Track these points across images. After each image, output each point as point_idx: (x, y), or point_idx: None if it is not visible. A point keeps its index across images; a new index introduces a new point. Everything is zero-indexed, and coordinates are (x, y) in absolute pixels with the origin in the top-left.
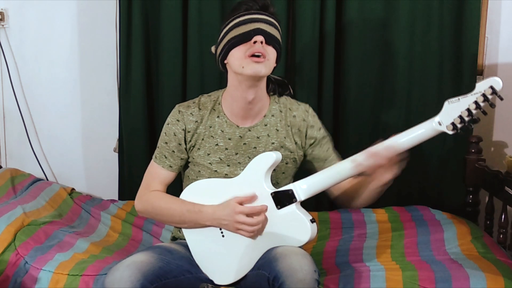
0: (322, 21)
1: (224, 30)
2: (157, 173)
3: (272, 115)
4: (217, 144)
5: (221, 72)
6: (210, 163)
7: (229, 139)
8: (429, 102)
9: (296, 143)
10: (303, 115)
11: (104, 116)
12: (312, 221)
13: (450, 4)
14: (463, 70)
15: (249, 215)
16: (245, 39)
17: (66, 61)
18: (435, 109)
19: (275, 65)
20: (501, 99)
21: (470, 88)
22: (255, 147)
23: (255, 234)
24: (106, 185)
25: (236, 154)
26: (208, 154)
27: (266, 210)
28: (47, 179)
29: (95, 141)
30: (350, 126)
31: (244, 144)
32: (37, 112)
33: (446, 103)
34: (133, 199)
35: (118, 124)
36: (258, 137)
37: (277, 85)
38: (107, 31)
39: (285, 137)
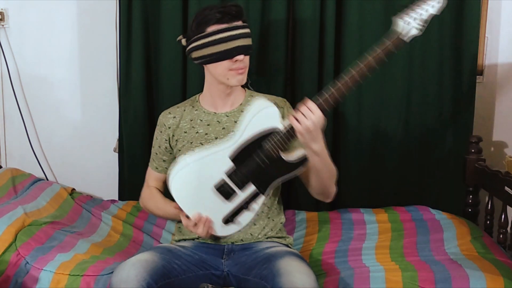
0: (322, 21)
1: (202, 41)
2: (150, 174)
3: (249, 105)
4: (197, 132)
5: None
6: (192, 149)
7: (208, 125)
8: (429, 102)
9: None
10: (281, 103)
11: (104, 116)
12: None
13: (450, 4)
14: (463, 70)
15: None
16: (227, 57)
17: (66, 61)
18: (435, 109)
19: None
20: None
21: (470, 87)
22: (233, 131)
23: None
24: (106, 185)
25: (216, 138)
26: (191, 142)
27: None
28: (47, 179)
29: (95, 141)
30: (350, 126)
31: (223, 128)
32: (37, 112)
33: None
34: (133, 199)
35: (118, 124)
36: (235, 122)
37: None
38: (107, 31)
39: None
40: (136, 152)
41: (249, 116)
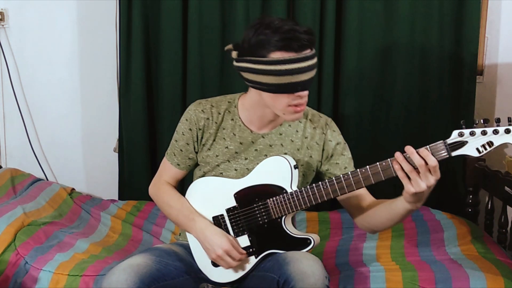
0: (322, 21)
1: (260, 67)
2: (167, 169)
3: (289, 125)
4: (227, 147)
5: (221, 72)
6: (217, 164)
7: (241, 143)
8: (429, 102)
9: (311, 156)
10: (323, 127)
11: (104, 116)
12: (295, 167)
13: (450, 4)
14: (463, 70)
15: (231, 256)
16: (289, 91)
17: (66, 61)
18: (435, 109)
19: None
20: None
21: (470, 87)
22: (265, 155)
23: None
24: (106, 185)
25: (246, 159)
26: (217, 156)
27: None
28: (47, 179)
29: (95, 141)
30: (351, 126)
31: (256, 150)
32: (37, 112)
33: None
34: (133, 199)
35: (118, 124)
36: (270, 145)
37: None
38: (107, 31)
39: (298, 149)
40: (136, 152)
41: (263, 165)
